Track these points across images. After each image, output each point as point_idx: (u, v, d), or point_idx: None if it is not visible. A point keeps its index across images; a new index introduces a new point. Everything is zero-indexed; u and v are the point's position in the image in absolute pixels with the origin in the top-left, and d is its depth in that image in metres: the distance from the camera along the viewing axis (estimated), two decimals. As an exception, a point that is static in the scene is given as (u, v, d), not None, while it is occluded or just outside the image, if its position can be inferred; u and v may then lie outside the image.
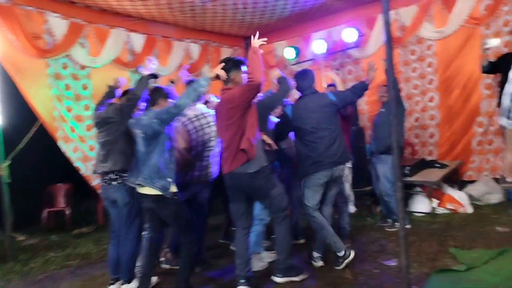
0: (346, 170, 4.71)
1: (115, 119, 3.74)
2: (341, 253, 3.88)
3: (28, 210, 6.53)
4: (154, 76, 3.88)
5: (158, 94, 3.59)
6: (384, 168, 5.00)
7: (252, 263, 3.72)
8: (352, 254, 3.92)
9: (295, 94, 4.23)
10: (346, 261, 3.87)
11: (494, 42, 5.12)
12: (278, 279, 3.66)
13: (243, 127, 3.39)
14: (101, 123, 3.81)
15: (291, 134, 4.25)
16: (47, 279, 4.37)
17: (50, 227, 6.64)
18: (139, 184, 3.41)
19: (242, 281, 3.53)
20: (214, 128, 3.95)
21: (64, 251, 5.36)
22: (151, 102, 3.59)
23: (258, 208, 4.00)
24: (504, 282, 3.27)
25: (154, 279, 3.87)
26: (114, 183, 3.71)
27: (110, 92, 4.09)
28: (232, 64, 3.52)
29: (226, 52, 7.84)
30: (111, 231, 3.92)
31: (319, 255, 4.08)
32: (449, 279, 3.45)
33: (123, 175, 3.68)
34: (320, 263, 4.05)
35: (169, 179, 3.40)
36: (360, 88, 4.08)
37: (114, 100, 4.03)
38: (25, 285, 4.24)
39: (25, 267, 4.81)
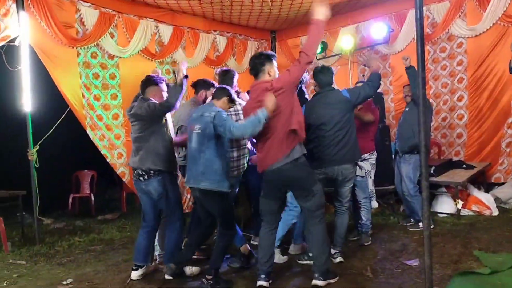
0: (369, 166, 4.68)
1: (145, 118, 3.78)
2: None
3: (55, 195, 6.71)
4: (185, 76, 3.87)
5: (222, 92, 3.67)
6: (407, 168, 4.93)
7: (274, 258, 3.70)
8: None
9: None
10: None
11: None
12: (320, 282, 3.48)
13: (289, 113, 3.34)
14: (133, 115, 3.87)
15: None
16: (71, 262, 4.49)
17: (75, 212, 6.82)
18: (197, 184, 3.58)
19: (263, 276, 3.52)
20: None
21: (88, 236, 5.50)
22: (215, 96, 3.69)
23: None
24: (530, 288, 3.19)
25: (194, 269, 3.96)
26: (141, 178, 3.80)
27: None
28: (265, 58, 3.50)
29: (253, 45, 7.84)
30: (142, 220, 3.99)
31: (337, 251, 4.06)
32: (472, 282, 3.38)
33: (150, 173, 3.76)
34: (338, 259, 4.03)
35: (223, 175, 3.53)
36: (374, 80, 4.03)
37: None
38: (50, 267, 4.36)
39: (51, 249, 4.95)
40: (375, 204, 5.01)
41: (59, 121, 5.51)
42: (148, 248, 3.98)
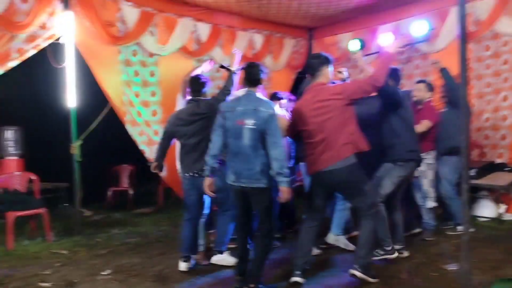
0: (424, 166, 4.60)
1: (208, 115, 3.88)
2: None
3: (95, 188, 6.94)
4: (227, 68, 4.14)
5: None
6: (445, 170, 4.82)
7: (311, 254, 3.74)
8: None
9: None
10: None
11: None
12: (356, 273, 3.48)
13: (345, 121, 3.41)
14: (192, 114, 3.95)
15: None
16: (109, 253, 4.64)
17: (113, 205, 7.03)
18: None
19: (298, 272, 3.53)
20: None
21: (126, 228, 5.66)
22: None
23: None
24: None
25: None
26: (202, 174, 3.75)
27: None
28: (324, 59, 3.55)
29: (289, 43, 7.82)
30: (186, 213, 4.07)
31: (400, 247, 4.09)
32: (513, 290, 3.26)
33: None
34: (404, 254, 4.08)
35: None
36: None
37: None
38: (89, 257, 4.52)
39: (91, 241, 5.13)
40: (430, 204, 4.88)
41: (101, 117, 5.70)
42: (194, 239, 4.08)
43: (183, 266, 4.00)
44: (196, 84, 4.06)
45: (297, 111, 3.61)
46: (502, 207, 5.22)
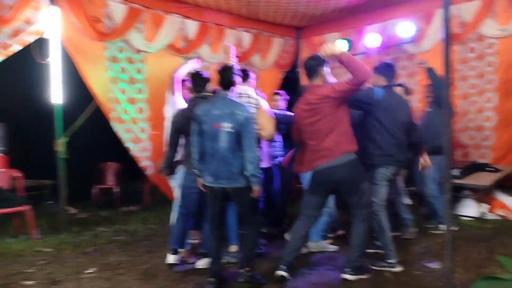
0: None
1: None
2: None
3: (81, 186, 6.88)
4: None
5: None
6: (430, 169, 4.87)
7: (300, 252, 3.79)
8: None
9: None
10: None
11: None
12: (349, 277, 3.57)
13: (338, 120, 3.47)
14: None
15: None
16: (95, 252, 4.60)
17: (99, 203, 6.98)
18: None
19: (283, 266, 3.58)
20: None
21: (113, 226, 5.63)
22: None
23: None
24: (555, 296, 3.11)
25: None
26: None
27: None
28: (319, 61, 3.59)
29: (277, 42, 7.83)
30: (182, 208, 4.05)
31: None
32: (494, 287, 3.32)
33: None
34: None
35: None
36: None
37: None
38: (74, 255, 4.48)
39: (76, 238, 5.09)
40: (406, 200, 4.95)
41: (87, 114, 5.64)
42: (185, 233, 4.12)
43: (171, 258, 4.00)
44: (200, 80, 4.01)
45: (295, 112, 3.73)
46: (485, 207, 5.31)
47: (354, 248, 3.61)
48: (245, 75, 4.18)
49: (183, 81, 4.57)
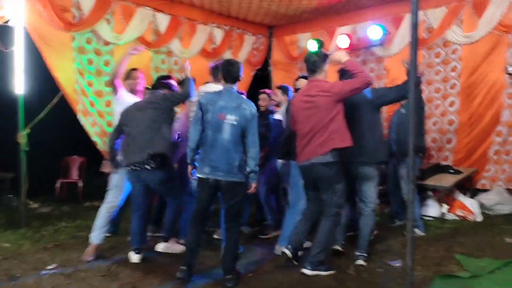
0: None
1: (161, 106, 3.94)
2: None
3: (43, 179, 6.67)
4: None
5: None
6: (403, 171, 4.82)
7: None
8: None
9: None
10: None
11: None
12: (307, 271, 3.65)
13: (332, 117, 3.55)
14: (148, 103, 4.00)
15: None
16: (56, 247, 4.48)
17: (62, 197, 6.78)
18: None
19: (285, 244, 3.85)
20: None
21: (75, 222, 5.48)
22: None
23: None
24: (508, 293, 3.26)
25: None
26: (148, 166, 3.83)
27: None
28: (323, 57, 3.70)
29: (249, 39, 7.83)
30: (133, 205, 4.04)
31: (360, 253, 4.01)
32: (452, 285, 3.44)
33: (162, 159, 3.86)
34: (359, 262, 3.96)
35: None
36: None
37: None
38: (35, 251, 4.34)
39: (37, 234, 4.93)
40: None
41: (50, 105, 5.47)
42: (144, 231, 4.11)
43: (135, 257, 3.96)
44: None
45: (291, 105, 3.85)
46: (445, 207, 5.49)
47: (316, 244, 3.69)
48: (217, 73, 4.18)
49: (168, 77, 4.56)
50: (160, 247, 4.15)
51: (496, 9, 5.82)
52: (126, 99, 4.23)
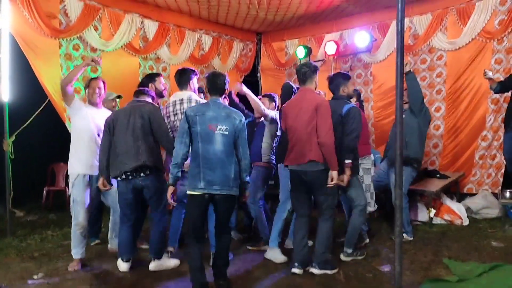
0: (361, 171, 4.63)
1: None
2: None
3: (29, 187, 6.59)
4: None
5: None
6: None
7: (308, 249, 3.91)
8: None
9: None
10: None
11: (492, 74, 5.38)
12: (315, 271, 3.78)
13: (312, 124, 3.65)
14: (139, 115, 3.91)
15: None
16: (43, 256, 4.42)
17: (49, 205, 6.70)
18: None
19: (297, 264, 3.80)
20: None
21: (62, 230, 5.40)
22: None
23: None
24: (494, 297, 3.29)
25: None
26: (139, 175, 3.80)
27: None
28: (313, 68, 3.82)
29: (238, 46, 7.86)
30: (123, 216, 3.96)
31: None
32: (440, 289, 3.47)
33: (152, 169, 3.84)
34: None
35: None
36: None
37: None
38: (21, 260, 4.28)
39: (23, 242, 4.86)
40: (369, 208, 5.02)
41: (37, 112, 5.41)
42: (133, 241, 4.06)
43: (123, 266, 3.93)
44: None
45: (285, 109, 3.91)
46: (432, 212, 5.53)
47: (320, 244, 3.80)
48: (186, 78, 4.23)
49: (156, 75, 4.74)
50: (152, 266, 3.99)
51: (479, 17, 5.93)
52: (82, 109, 4.12)
